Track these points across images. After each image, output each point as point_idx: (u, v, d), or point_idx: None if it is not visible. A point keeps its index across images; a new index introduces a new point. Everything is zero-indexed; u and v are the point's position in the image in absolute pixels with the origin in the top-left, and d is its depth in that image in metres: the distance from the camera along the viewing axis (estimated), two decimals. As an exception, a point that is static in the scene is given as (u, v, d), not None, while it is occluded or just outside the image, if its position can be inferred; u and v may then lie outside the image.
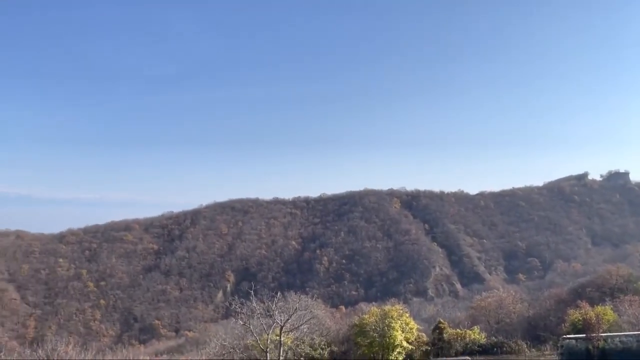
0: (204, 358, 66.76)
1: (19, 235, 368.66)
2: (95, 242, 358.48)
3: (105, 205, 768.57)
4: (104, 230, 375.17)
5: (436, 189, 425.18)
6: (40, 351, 54.25)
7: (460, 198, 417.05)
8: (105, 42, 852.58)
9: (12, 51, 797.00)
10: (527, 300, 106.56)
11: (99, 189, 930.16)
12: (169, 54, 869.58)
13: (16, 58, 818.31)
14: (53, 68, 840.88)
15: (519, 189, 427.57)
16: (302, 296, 67.51)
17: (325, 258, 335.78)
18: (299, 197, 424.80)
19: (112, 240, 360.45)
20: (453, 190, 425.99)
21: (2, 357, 41.20)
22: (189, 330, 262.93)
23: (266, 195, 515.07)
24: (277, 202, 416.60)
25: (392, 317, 66.72)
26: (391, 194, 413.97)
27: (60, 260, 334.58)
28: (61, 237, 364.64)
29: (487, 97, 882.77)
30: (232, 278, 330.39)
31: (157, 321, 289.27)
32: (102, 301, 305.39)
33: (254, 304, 54.81)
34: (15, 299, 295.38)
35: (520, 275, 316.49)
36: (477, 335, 75.43)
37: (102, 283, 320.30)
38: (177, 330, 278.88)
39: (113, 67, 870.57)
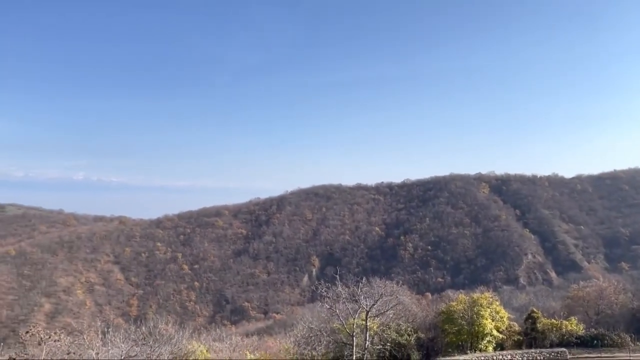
0: (292, 340, 68.35)
1: (121, 220, 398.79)
2: (189, 227, 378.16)
3: (197, 192, 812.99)
4: (196, 216, 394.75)
5: (528, 172, 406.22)
6: (143, 328, 58.21)
7: (555, 182, 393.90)
8: (201, 37, 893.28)
9: (111, 49, 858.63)
10: (632, 290, 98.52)
11: (191, 177, 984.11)
12: (254, 45, 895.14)
13: (113, 55, 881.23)
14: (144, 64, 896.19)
15: (622, 171, 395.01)
16: (387, 282, 66.95)
17: (410, 244, 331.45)
18: (382, 182, 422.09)
19: (204, 226, 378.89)
20: (546, 174, 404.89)
21: (110, 332, 44.82)
22: (277, 313, 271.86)
23: (349, 181, 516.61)
24: (359, 188, 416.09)
25: (481, 305, 64.44)
26: (479, 178, 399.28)
27: (158, 244, 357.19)
28: (158, 223, 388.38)
29: (581, 76, 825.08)
30: (317, 263, 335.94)
31: (246, 303, 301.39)
32: (196, 283, 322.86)
33: (340, 289, 55.08)
34: (120, 280, 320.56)
35: (623, 264, 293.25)
36: (574, 326, 71.02)
37: (196, 266, 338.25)
38: (265, 313, 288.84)
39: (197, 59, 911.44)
